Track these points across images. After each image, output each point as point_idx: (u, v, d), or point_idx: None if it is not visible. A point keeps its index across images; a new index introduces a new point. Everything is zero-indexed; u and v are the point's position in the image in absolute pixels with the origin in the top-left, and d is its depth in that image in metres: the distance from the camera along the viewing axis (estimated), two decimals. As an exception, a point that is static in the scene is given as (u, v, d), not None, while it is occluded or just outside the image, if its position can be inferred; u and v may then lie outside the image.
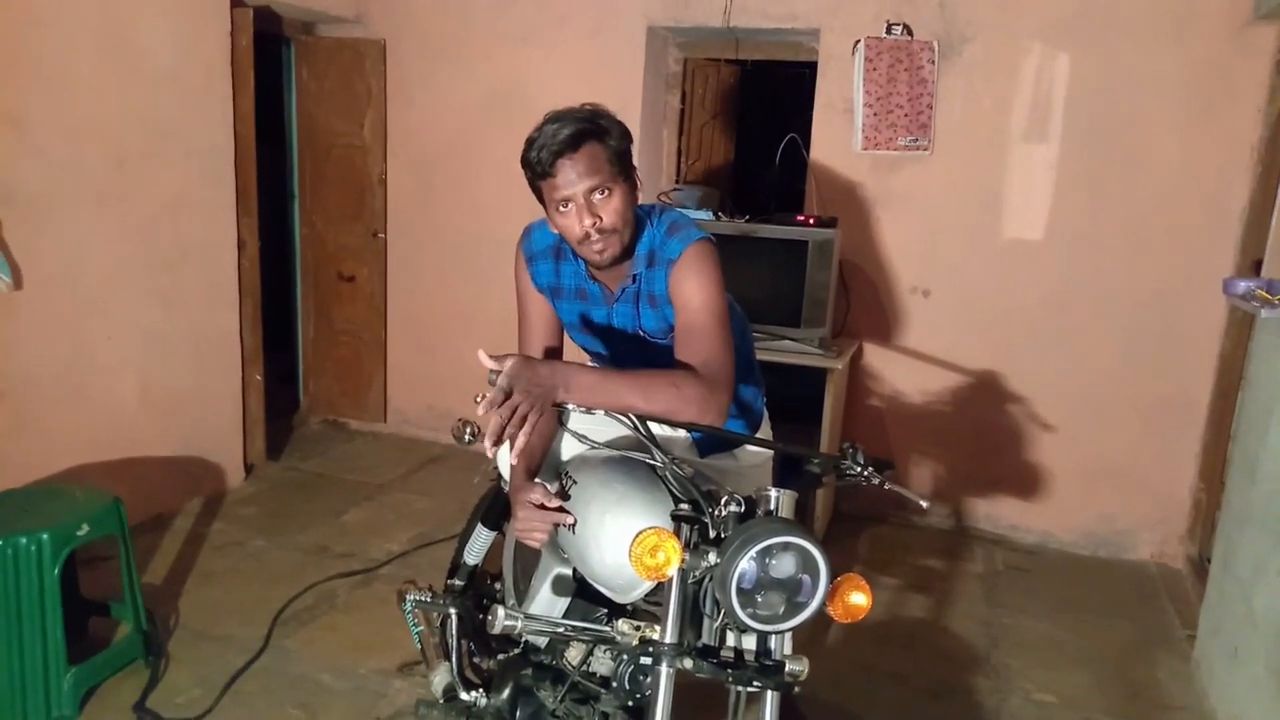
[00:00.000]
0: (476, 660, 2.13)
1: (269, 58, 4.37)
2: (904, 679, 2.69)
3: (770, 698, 1.34)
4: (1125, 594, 3.34)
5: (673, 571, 1.29)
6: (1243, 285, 2.49)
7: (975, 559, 3.57)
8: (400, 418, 4.63)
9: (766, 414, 2.09)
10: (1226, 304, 3.28)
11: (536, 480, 1.71)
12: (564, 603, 1.75)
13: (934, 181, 3.60)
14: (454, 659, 2.08)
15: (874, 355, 3.81)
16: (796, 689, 1.33)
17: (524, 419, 1.33)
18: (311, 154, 4.52)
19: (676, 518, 1.40)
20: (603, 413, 1.42)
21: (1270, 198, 3.05)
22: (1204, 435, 3.43)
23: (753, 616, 1.25)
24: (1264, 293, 2.39)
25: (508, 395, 1.32)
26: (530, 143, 1.57)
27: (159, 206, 3.35)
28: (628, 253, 1.65)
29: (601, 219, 1.57)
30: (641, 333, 1.76)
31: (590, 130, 1.55)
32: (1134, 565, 3.57)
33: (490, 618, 1.50)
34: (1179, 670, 2.81)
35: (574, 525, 1.58)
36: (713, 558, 1.28)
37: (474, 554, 2.24)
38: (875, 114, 3.58)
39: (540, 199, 1.62)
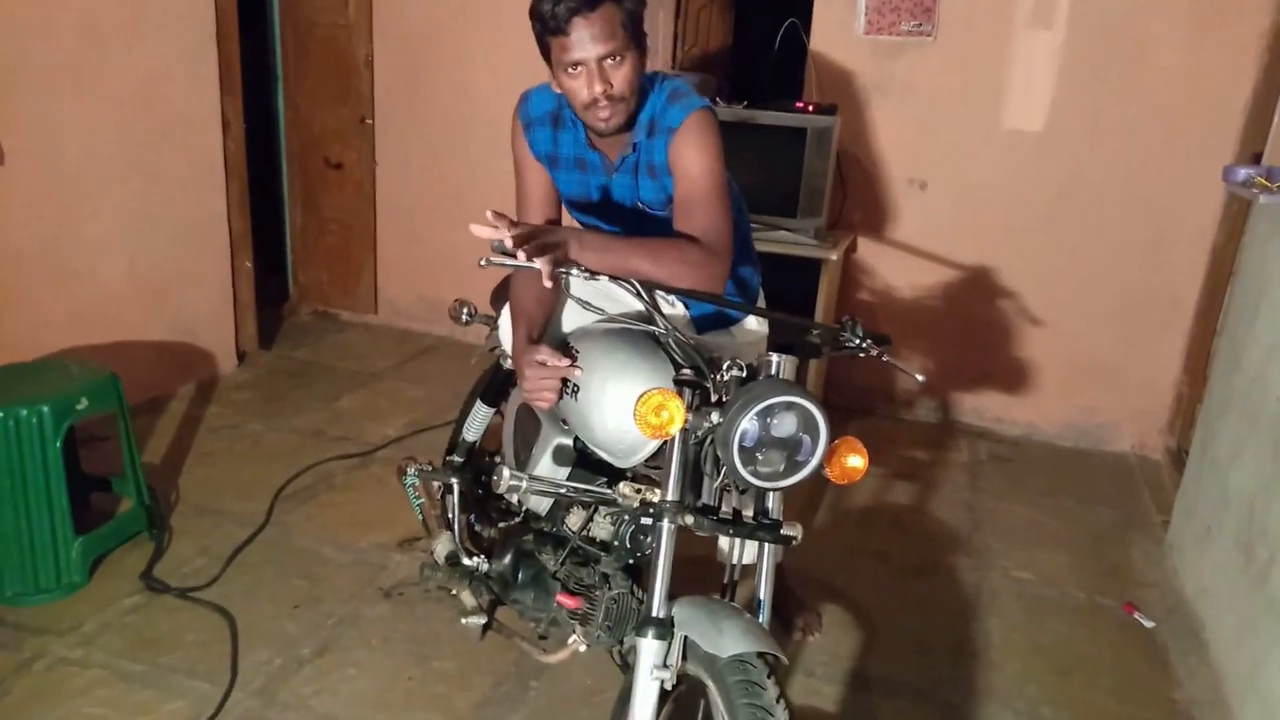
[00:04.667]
0: (478, 530, 2.19)
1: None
2: (887, 558, 2.78)
3: (767, 553, 1.40)
4: (1105, 483, 3.44)
5: (676, 431, 1.32)
6: (1243, 173, 2.49)
7: (960, 450, 3.65)
8: (391, 308, 4.61)
9: (762, 294, 2.10)
10: (1223, 197, 3.27)
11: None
12: (564, 472, 1.78)
13: (936, 69, 3.52)
14: (455, 529, 2.14)
15: (868, 248, 3.80)
16: (795, 541, 1.38)
17: (541, 249, 1.28)
18: (294, 31, 4.35)
19: (679, 382, 1.42)
20: (606, 278, 1.42)
21: (1274, 89, 3.00)
22: (1190, 329, 3.47)
23: (753, 474, 1.28)
24: (1263, 180, 2.38)
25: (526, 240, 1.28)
26: None
27: (138, 80, 3.23)
28: (631, 121, 1.62)
29: (611, 86, 1.53)
30: (640, 204, 1.74)
31: None
32: (1114, 456, 3.66)
33: (495, 477, 1.53)
34: (1152, 552, 2.92)
35: (576, 390, 1.59)
36: (715, 417, 1.31)
37: (473, 430, 2.28)
38: (879, -4, 3.47)
39: (546, 56, 1.57)
